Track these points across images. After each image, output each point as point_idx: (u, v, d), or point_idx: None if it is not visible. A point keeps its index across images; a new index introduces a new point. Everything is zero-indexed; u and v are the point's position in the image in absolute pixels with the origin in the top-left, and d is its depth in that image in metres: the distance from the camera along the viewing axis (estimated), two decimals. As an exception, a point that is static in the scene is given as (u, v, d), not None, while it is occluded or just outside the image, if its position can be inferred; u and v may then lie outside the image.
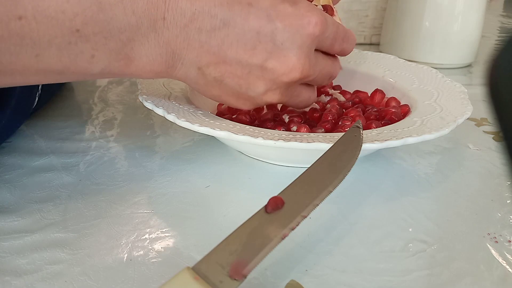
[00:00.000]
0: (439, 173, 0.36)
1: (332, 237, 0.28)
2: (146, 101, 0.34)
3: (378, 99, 0.43)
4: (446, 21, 0.63)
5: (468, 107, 0.36)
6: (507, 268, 0.25)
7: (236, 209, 0.30)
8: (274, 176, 0.35)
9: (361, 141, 0.29)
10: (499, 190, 0.33)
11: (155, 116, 0.46)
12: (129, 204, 0.31)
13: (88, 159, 0.37)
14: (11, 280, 0.23)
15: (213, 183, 0.33)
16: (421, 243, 0.27)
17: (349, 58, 0.51)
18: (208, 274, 0.19)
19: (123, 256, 0.25)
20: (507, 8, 1.29)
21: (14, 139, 0.40)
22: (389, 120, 0.37)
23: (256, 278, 0.24)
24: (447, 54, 0.65)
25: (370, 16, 0.77)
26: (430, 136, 0.31)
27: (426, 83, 0.43)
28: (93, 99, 0.51)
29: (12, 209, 0.30)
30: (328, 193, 0.24)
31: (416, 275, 0.24)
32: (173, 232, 0.28)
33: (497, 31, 0.96)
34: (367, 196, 0.32)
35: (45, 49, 0.25)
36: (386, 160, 0.37)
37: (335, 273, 0.25)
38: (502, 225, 0.29)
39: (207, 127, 0.31)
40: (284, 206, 0.23)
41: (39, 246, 0.26)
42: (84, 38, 0.25)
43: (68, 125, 0.43)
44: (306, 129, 0.36)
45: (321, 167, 0.26)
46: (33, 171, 0.35)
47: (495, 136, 0.43)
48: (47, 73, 0.26)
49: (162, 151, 0.38)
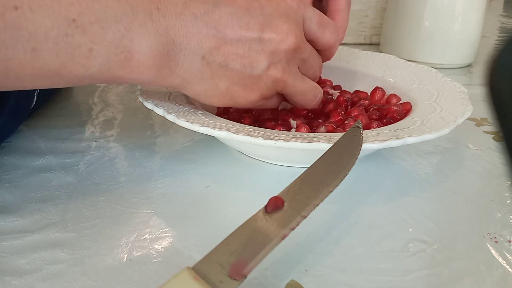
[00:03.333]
0: (439, 173, 0.36)
1: (332, 237, 0.28)
2: (146, 101, 0.34)
3: (378, 97, 0.43)
4: (446, 21, 0.63)
5: (468, 107, 0.36)
6: (507, 268, 0.25)
7: (236, 209, 0.30)
8: (274, 176, 0.35)
9: (361, 141, 0.29)
10: (499, 190, 0.33)
11: (155, 116, 0.46)
12: (129, 204, 0.31)
13: (88, 159, 0.37)
14: (11, 280, 0.23)
15: (213, 183, 0.33)
16: (421, 243, 0.27)
17: (349, 58, 0.51)
18: (208, 274, 0.19)
19: (123, 256, 0.25)
20: (507, 8, 1.29)
21: (14, 139, 0.40)
22: (391, 119, 0.37)
23: (256, 278, 0.24)
24: (447, 54, 0.65)
25: (370, 16, 0.77)
26: (430, 136, 0.31)
27: (426, 83, 0.43)
28: (93, 99, 0.51)
29: (12, 209, 0.30)
30: (328, 193, 0.24)
31: (416, 275, 0.24)
32: (173, 232, 0.28)
33: (497, 31, 0.96)
34: (367, 196, 0.32)
35: (42, 41, 0.24)
36: (386, 160, 0.37)
37: (335, 273, 0.25)
38: (502, 225, 0.29)
39: (207, 127, 0.31)
40: (284, 206, 0.23)
41: (39, 246, 0.26)
42: (81, 29, 0.25)
43: (67, 125, 0.43)
44: (306, 129, 0.36)
45: (321, 167, 0.26)
46: (33, 171, 0.35)
47: (495, 136, 0.43)
48: (43, 73, 0.26)
49: (162, 151, 0.38)
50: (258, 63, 0.31)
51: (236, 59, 0.31)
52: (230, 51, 0.30)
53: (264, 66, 0.31)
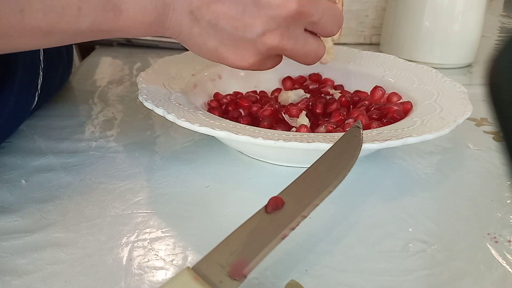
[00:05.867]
0: (439, 173, 0.36)
1: (332, 237, 0.28)
2: (146, 101, 0.34)
3: (378, 96, 0.43)
4: (446, 21, 0.63)
5: (468, 107, 0.36)
6: (507, 268, 0.25)
7: (236, 209, 0.30)
8: (274, 176, 0.35)
9: (361, 141, 0.29)
10: (499, 190, 0.33)
11: (155, 116, 0.46)
12: (129, 204, 0.31)
13: (88, 159, 0.37)
14: (11, 280, 0.23)
15: (213, 183, 0.33)
16: (421, 243, 0.27)
17: (350, 58, 0.51)
18: (208, 274, 0.19)
19: (123, 256, 0.25)
20: (507, 8, 1.29)
21: (14, 139, 0.40)
22: (391, 119, 0.37)
23: (256, 278, 0.24)
24: (447, 54, 0.65)
25: (370, 16, 0.77)
26: (430, 136, 0.31)
27: (426, 83, 0.43)
28: (93, 99, 0.51)
29: (12, 209, 0.30)
30: (328, 193, 0.24)
31: (416, 275, 0.24)
32: (173, 232, 0.28)
33: (497, 31, 0.96)
34: (367, 196, 0.32)
35: (29, 2, 0.24)
36: (386, 160, 0.37)
37: (335, 273, 0.25)
38: (502, 225, 0.29)
39: (207, 127, 0.31)
40: (284, 206, 0.23)
41: (39, 246, 0.26)
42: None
43: (68, 125, 0.43)
44: (306, 129, 0.36)
45: (321, 167, 0.26)
46: (33, 171, 0.35)
47: (495, 136, 0.43)
48: (34, 33, 0.25)
49: (162, 151, 0.38)
50: (252, 27, 0.29)
51: (227, 19, 0.29)
52: (221, 10, 0.28)
53: (258, 31, 0.29)
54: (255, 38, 0.30)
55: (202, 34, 0.30)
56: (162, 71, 0.43)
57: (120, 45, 0.75)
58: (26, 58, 0.37)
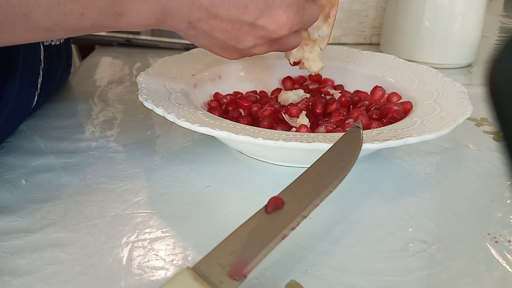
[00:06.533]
0: (439, 173, 0.36)
1: (332, 237, 0.28)
2: (146, 101, 0.34)
3: (378, 96, 0.43)
4: (446, 21, 0.63)
5: (468, 107, 0.36)
6: (507, 268, 0.25)
7: (236, 209, 0.30)
8: (274, 176, 0.35)
9: (361, 141, 0.29)
10: (499, 190, 0.33)
11: (155, 116, 0.46)
12: (129, 204, 0.31)
13: (88, 159, 0.37)
14: (11, 280, 0.23)
15: (213, 183, 0.33)
16: (421, 243, 0.27)
17: (350, 58, 0.51)
18: (208, 274, 0.19)
19: (123, 256, 0.25)
20: (507, 8, 1.29)
21: (14, 139, 0.40)
22: (391, 119, 0.37)
23: (256, 278, 0.24)
24: (447, 54, 0.65)
25: (370, 16, 0.77)
26: (430, 136, 0.31)
27: (426, 83, 0.43)
28: (93, 99, 0.51)
29: (12, 209, 0.30)
30: (328, 193, 0.24)
31: (416, 275, 0.24)
32: (173, 232, 0.28)
33: (497, 31, 0.96)
34: (367, 196, 0.32)
35: (33, 8, 0.25)
36: (386, 160, 0.37)
37: (335, 273, 0.25)
38: (502, 225, 0.29)
39: (207, 127, 0.31)
40: (284, 206, 0.23)
41: (39, 246, 0.26)
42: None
43: (68, 125, 0.43)
44: (306, 129, 0.36)
45: (321, 167, 0.26)
46: (33, 171, 0.35)
47: (495, 136, 0.43)
48: (36, 31, 0.26)
49: (162, 151, 0.38)
50: (245, 41, 0.32)
51: (223, 32, 0.31)
52: (219, 25, 0.31)
53: (249, 45, 0.32)
54: (244, 48, 0.33)
55: (197, 37, 0.32)
56: (162, 71, 0.43)
57: (120, 45, 0.75)
58: (26, 58, 0.37)
